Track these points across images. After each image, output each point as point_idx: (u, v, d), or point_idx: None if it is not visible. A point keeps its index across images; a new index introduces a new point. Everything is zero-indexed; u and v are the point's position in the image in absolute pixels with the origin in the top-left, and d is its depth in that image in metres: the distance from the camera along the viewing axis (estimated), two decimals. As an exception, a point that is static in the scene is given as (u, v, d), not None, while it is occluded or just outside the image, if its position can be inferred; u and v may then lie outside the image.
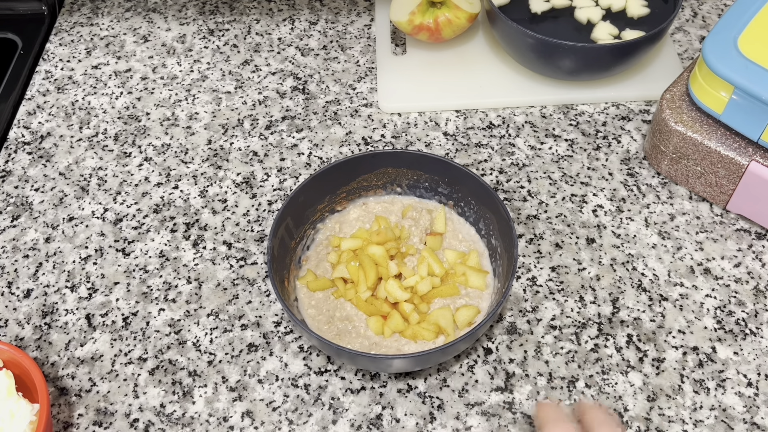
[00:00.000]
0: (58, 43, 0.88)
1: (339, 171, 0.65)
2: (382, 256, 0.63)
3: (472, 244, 0.66)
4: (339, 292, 0.63)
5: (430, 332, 0.60)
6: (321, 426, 0.59)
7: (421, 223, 0.66)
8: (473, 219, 0.67)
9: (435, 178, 0.67)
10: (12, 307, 0.66)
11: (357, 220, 0.68)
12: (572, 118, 0.78)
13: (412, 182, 0.68)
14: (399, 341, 0.60)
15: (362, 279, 0.62)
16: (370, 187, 0.68)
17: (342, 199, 0.68)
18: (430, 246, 0.65)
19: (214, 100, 0.81)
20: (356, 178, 0.67)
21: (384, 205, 0.69)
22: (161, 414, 0.60)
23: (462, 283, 0.63)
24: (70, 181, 0.75)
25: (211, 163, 0.76)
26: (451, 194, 0.67)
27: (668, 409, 0.59)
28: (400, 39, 0.86)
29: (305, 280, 0.64)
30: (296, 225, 0.64)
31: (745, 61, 0.62)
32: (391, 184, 0.68)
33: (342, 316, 0.61)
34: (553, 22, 0.80)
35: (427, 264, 0.63)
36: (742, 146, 0.66)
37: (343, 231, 0.67)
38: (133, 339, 0.64)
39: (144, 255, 0.69)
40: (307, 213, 0.65)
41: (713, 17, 0.88)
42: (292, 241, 0.64)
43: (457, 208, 0.67)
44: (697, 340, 0.63)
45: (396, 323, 0.60)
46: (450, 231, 0.67)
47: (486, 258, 0.65)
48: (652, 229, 0.69)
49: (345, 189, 0.67)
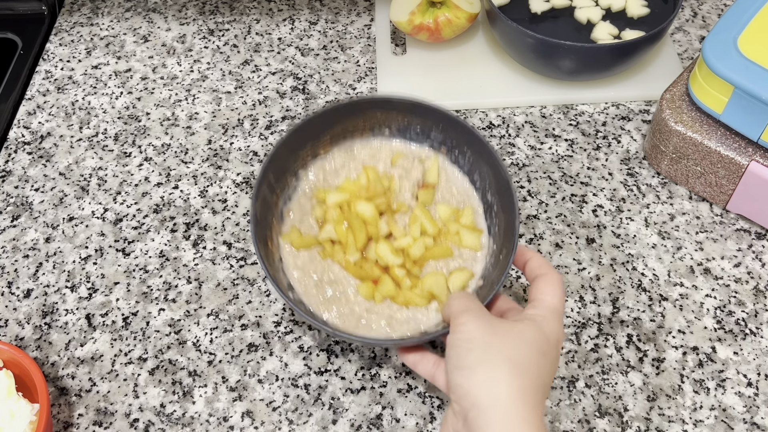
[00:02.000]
0: (58, 43, 0.88)
1: (322, 120, 0.61)
2: (372, 215, 0.59)
3: (466, 199, 0.62)
4: (326, 252, 0.59)
5: (422, 298, 0.57)
6: (321, 426, 0.59)
7: (412, 174, 0.62)
8: (467, 169, 0.62)
9: (428, 122, 0.62)
10: (12, 307, 0.66)
11: (342, 168, 0.63)
12: (572, 118, 0.78)
13: (403, 126, 0.63)
14: (391, 307, 0.58)
15: (351, 242, 0.58)
16: (357, 130, 0.63)
17: (326, 143, 0.63)
18: (422, 201, 0.61)
19: (214, 100, 0.81)
20: (342, 123, 0.62)
21: (371, 151, 0.63)
22: (161, 414, 0.60)
23: (455, 243, 0.60)
24: (70, 181, 0.75)
25: (211, 163, 0.76)
26: (445, 140, 0.62)
27: (668, 409, 0.59)
28: (400, 39, 0.86)
29: (289, 238, 0.59)
30: (277, 178, 0.60)
31: (745, 61, 0.62)
32: (380, 127, 0.63)
33: (330, 280, 0.58)
34: (553, 22, 0.80)
35: (420, 224, 0.59)
36: (742, 146, 0.66)
37: (328, 182, 0.62)
38: (133, 339, 0.64)
39: (144, 255, 0.69)
40: (288, 163, 0.61)
41: (713, 17, 0.88)
42: (274, 195, 0.60)
43: (451, 155, 0.63)
44: (697, 340, 0.63)
45: (387, 289, 0.57)
46: (443, 183, 0.62)
47: (480, 215, 0.61)
48: (652, 229, 0.69)
49: (330, 132, 0.62)
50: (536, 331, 0.47)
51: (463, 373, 0.46)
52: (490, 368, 0.45)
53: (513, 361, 0.45)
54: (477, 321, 0.47)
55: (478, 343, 0.46)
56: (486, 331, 0.47)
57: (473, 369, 0.45)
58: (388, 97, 0.62)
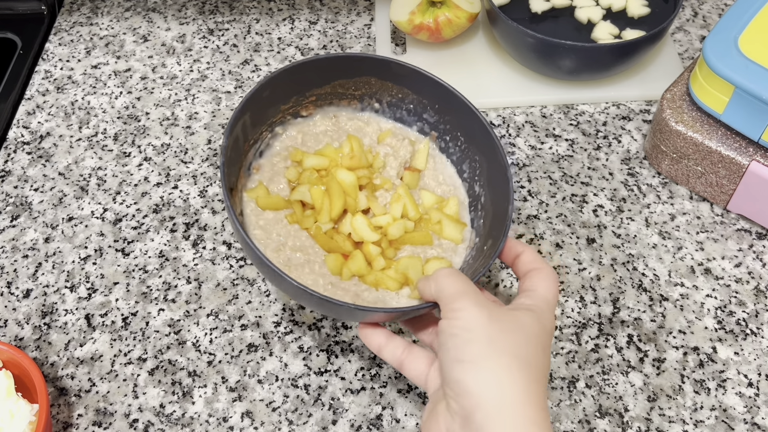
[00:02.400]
0: (58, 42, 0.88)
1: (313, 68, 0.55)
2: (351, 184, 0.54)
3: (452, 189, 0.58)
4: (294, 217, 0.54)
5: (395, 282, 0.53)
6: (321, 426, 0.59)
7: (401, 154, 0.58)
8: (457, 158, 0.58)
9: (423, 101, 0.58)
10: (11, 308, 0.66)
11: (324, 134, 0.58)
12: (572, 118, 0.78)
13: (396, 100, 0.59)
14: (358, 286, 0.53)
15: (326, 208, 0.53)
16: (345, 96, 0.58)
17: (310, 103, 0.58)
18: (407, 183, 0.57)
19: (214, 100, 0.81)
20: (331, 82, 0.57)
21: (358, 123, 0.59)
22: (161, 414, 0.60)
23: (436, 231, 0.56)
24: (70, 181, 0.75)
25: (211, 163, 0.76)
26: (438, 124, 0.58)
27: (669, 409, 0.59)
28: (400, 39, 0.86)
29: (255, 194, 0.54)
30: (254, 124, 0.54)
31: (745, 61, 0.62)
32: (370, 98, 0.59)
33: (294, 246, 0.53)
34: (553, 21, 0.80)
35: (403, 204, 0.55)
36: (742, 146, 0.66)
37: (307, 144, 0.58)
38: (132, 339, 0.64)
39: (143, 255, 0.69)
40: (268, 112, 0.55)
41: (714, 17, 0.88)
42: (246, 143, 0.54)
43: (441, 141, 0.59)
44: (698, 341, 0.63)
45: (358, 266, 0.53)
46: (430, 169, 0.58)
47: (465, 208, 0.57)
48: (653, 229, 0.69)
49: (316, 92, 0.57)
50: (536, 323, 0.44)
51: (463, 368, 0.42)
52: (496, 365, 0.41)
53: (519, 358, 0.42)
54: (475, 307, 0.43)
55: (479, 334, 0.42)
56: (486, 320, 0.43)
57: (476, 364, 0.41)
58: (386, 58, 0.56)
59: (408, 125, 0.60)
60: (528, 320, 0.44)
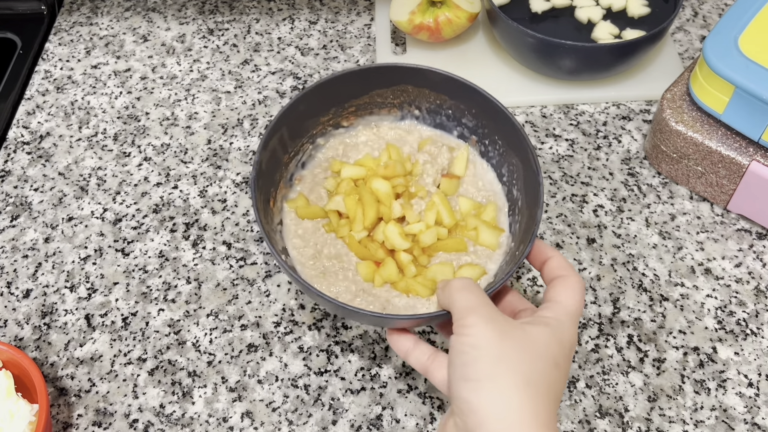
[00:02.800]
0: (58, 42, 0.88)
1: (350, 80, 0.56)
2: (386, 193, 0.55)
3: (491, 195, 0.58)
4: (331, 226, 0.56)
5: (425, 288, 0.53)
6: (321, 426, 0.59)
7: (438, 161, 0.58)
8: (496, 162, 0.59)
9: (461, 106, 0.58)
10: (11, 308, 0.66)
11: (365, 145, 0.59)
12: (572, 118, 0.78)
13: (434, 107, 0.59)
14: (389, 292, 0.54)
15: (359, 217, 0.55)
16: (385, 105, 0.59)
17: (350, 114, 0.59)
18: (444, 190, 0.57)
19: (214, 100, 0.81)
20: (369, 92, 0.58)
21: (399, 132, 0.60)
22: (161, 414, 0.60)
23: (471, 238, 0.56)
24: (70, 181, 0.75)
25: (211, 163, 0.76)
26: (476, 128, 0.59)
27: (669, 409, 0.59)
28: (400, 39, 0.86)
29: (295, 204, 0.57)
30: (292, 137, 0.56)
31: (745, 61, 0.62)
32: (409, 105, 0.59)
33: (330, 254, 0.55)
34: (553, 21, 0.80)
35: (437, 212, 0.55)
36: (742, 146, 0.66)
37: (347, 155, 0.59)
38: (132, 339, 0.64)
39: (143, 255, 0.69)
40: (306, 124, 0.57)
41: (714, 17, 0.88)
42: (286, 155, 0.56)
43: (481, 146, 0.59)
44: (698, 341, 0.62)
45: (389, 273, 0.54)
46: (470, 175, 0.59)
47: (504, 213, 0.57)
48: (653, 229, 0.69)
49: (355, 102, 0.58)
50: (551, 338, 0.43)
51: (469, 386, 0.41)
52: (501, 386, 0.41)
53: (526, 378, 0.41)
54: (486, 324, 0.43)
55: (487, 352, 0.42)
56: (496, 338, 0.42)
57: (481, 383, 0.41)
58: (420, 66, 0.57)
59: (448, 131, 0.61)
60: (542, 336, 0.43)
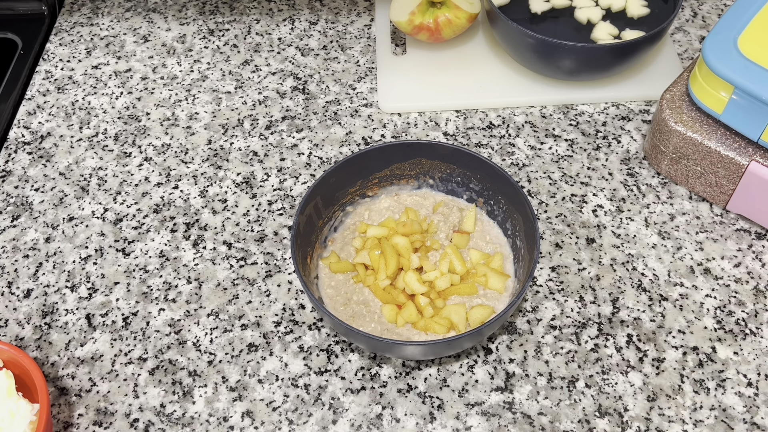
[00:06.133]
0: (58, 43, 0.88)
1: (373, 157, 0.66)
2: (405, 247, 0.64)
3: (498, 247, 0.66)
4: (359, 277, 0.64)
5: (441, 326, 0.60)
6: (321, 426, 0.59)
7: (450, 220, 0.67)
8: (501, 218, 0.67)
9: (467, 173, 0.67)
10: (12, 307, 0.66)
11: (387, 210, 0.68)
12: (572, 118, 0.78)
13: (445, 175, 0.68)
14: (410, 331, 0.61)
15: (383, 267, 0.63)
16: (403, 176, 0.68)
17: (374, 185, 0.68)
18: (456, 243, 0.65)
19: (214, 100, 0.81)
20: (389, 166, 0.67)
21: (416, 199, 0.69)
22: (161, 414, 0.60)
23: (481, 283, 0.63)
24: (70, 181, 0.75)
25: (211, 163, 0.76)
26: (482, 191, 0.67)
27: (668, 409, 0.59)
28: (400, 39, 0.86)
29: (328, 261, 0.65)
30: (325, 205, 0.65)
31: (745, 61, 0.62)
32: (424, 176, 0.69)
33: (359, 300, 0.63)
34: (553, 22, 0.80)
35: (449, 261, 0.63)
36: (742, 146, 0.66)
37: (372, 218, 0.68)
38: (133, 339, 0.64)
39: (144, 255, 0.69)
40: (337, 194, 0.66)
41: (713, 17, 0.88)
42: (320, 220, 0.65)
43: (487, 206, 0.67)
44: (697, 340, 0.63)
45: (410, 314, 0.61)
46: (478, 231, 0.67)
47: (510, 261, 0.65)
48: (652, 229, 0.69)
49: (378, 175, 0.68)
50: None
51: None
52: None
53: None
54: None
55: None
56: None
57: None
58: (432, 142, 0.66)
59: (459, 195, 0.69)
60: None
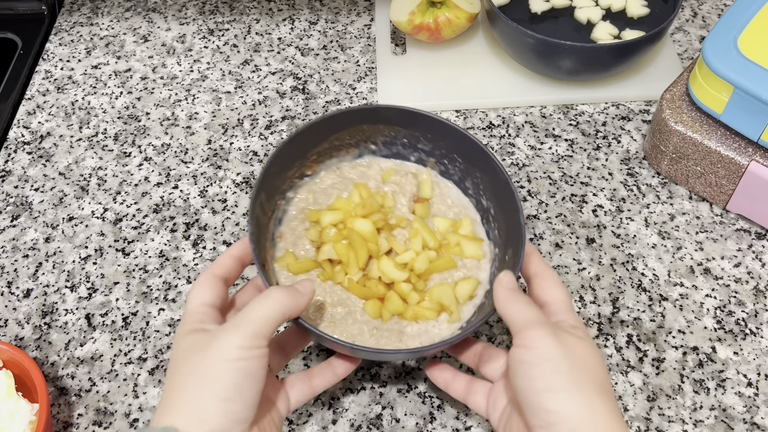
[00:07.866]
0: (58, 42, 0.88)
1: (310, 133, 0.58)
2: (370, 231, 0.57)
3: (462, 210, 0.60)
4: (326, 275, 0.57)
5: (432, 311, 0.56)
6: (321, 426, 0.59)
7: (407, 189, 0.60)
8: (458, 178, 0.61)
9: (415, 133, 0.60)
10: (12, 307, 0.66)
11: (332, 188, 0.61)
12: (572, 118, 0.78)
13: (389, 139, 0.61)
14: (400, 323, 0.56)
15: (353, 260, 0.56)
16: (342, 146, 0.61)
17: (312, 162, 0.60)
18: (420, 215, 0.59)
19: (214, 100, 0.81)
20: (328, 138, 0.60)
21: (361, 169, 0.62)
22: (161, 414, 0.60)
23: (457, 254, 0.58)
24: (70, 180, 0.75)
25: (211, 163, 0.76)
26: (433, 150, 0.61)
27: (668, 409, 0.59)
28: (400, 39, 0.86)
29: (285, 262, 0.57)
30: (268, 198, 0.57)
31: (745, 61, 0.62)
32: (365, 142, 0.61)
33: (334, 302, 0.56)
34: (553, 22, 0.80)
35: (422, 237, 0.58)
36: (742, 146, 0.66)
37: (318, 202, 0.60)
38: (132, 339, 0.64)
39: (144, 255, 0.69)
40: (276, 183, 0.58)
41: (713, 17, 0.88)
42: (265, 216, 0.57)
43: (440, 166, 0.61)
44: (697, 340, 0.63)
45: (395, 306, 0.56)
46: (437, 195, 0.61)
47: (478, 224, 0.60)
48: (652, 229, 0.69)
49: (316, 151, 0.60)
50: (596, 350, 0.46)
51: (557, 397, 0.43)
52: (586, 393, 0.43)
53: (599, 384, 0.44)
54: (552, 338, 0.45)
55: (562, 364, 0.44)
56: (564, 350, 0.44)
57: (570, 392, 0.43)
58: (373, 106, 0.60)
59: (405, 158, 0.62)
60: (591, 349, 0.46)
